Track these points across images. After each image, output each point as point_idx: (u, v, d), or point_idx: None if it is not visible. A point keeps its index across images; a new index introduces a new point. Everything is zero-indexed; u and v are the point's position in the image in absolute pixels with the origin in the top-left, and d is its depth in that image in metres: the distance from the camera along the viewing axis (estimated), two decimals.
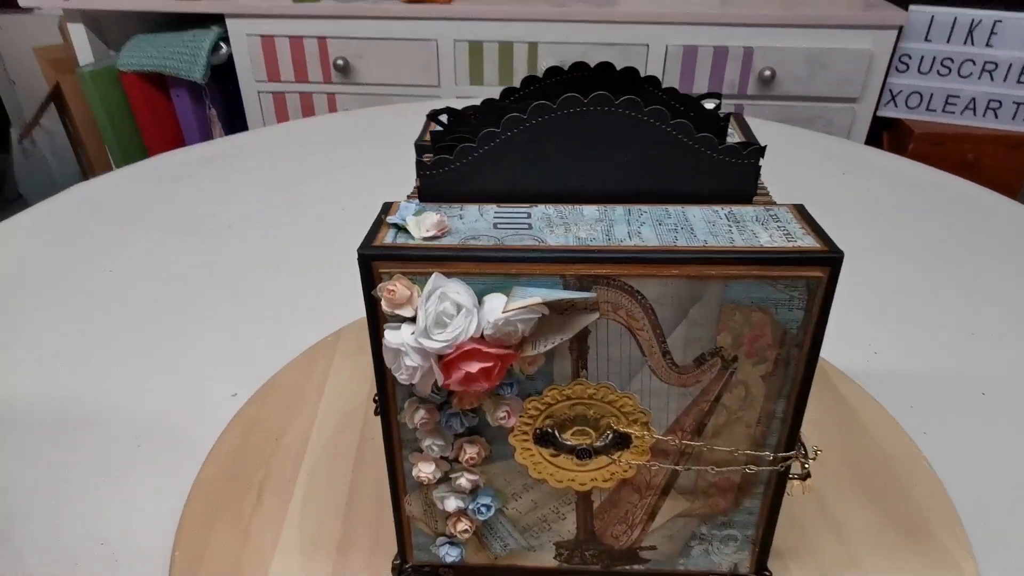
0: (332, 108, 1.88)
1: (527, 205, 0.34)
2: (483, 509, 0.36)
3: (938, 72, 1.77)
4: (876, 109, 1.80)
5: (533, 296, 0.28)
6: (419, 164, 0.34)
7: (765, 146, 0.34)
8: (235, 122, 1.97)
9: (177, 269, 0.75)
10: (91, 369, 0.60)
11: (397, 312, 0.29)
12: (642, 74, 0.38)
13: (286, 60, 1.82)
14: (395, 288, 0.29)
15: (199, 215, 0.87)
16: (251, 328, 0.66)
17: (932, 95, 1.80)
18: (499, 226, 0.32)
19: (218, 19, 1.80)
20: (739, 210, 0.33)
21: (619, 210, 0.33)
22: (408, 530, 0.39)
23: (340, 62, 1.78)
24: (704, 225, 0.31)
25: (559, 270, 0.30)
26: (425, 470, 0.35)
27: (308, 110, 1.89)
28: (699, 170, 0.33)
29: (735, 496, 0.37)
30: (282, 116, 1.91)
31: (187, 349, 0.63)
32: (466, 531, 0.37)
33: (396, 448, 0.35)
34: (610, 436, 0.34)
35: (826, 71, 1.72)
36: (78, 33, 1.85)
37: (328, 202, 0.90)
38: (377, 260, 0.30)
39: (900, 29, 1.70)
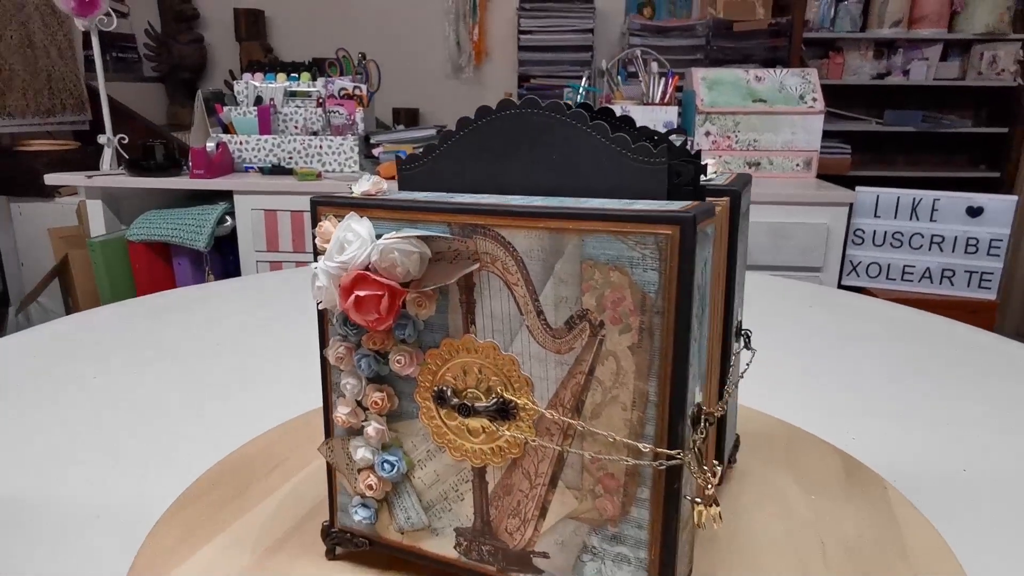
0: None
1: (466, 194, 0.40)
2: (386, 466, 0.39)
3: (891, 245, 1.90)
4: (840, 279, 1.89)
5: (411, 231, 0.34)
6: (397, 160, 0.42)
7: (698, 155, 0.38)
8: None
9: (157, 380, 0.77)
10: (65, 462, 0.60)
11: (325, 247, 0.36)
12: None
13: (286, 232, 1.96)
14: (323, 225, 0.37)
15: (183, 339, 0.90)
16: (222, 425, 0.67)
17: (889, 265, 1.91)
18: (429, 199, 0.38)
19: (226, 195, 1.97)
20: (643, 201, 0.36)
21: (538, 199, 0.37)
22: (335, 492, 0.43)
23: None
24: (595, 203, 0.35)
25: (446, 219, 0.36)
26: (342, 411, 0.40)
27: None
28: (615, 169, 0.37)
29: (621, 500, 0.36)
30: None
31: (159, 443, 0.64)
32: (372, 487, 0.40)
33: (329, 391, 0.41)
34: (495, 401, 0.36)
35: (790, 242, 1.85)
36: (95, 208, 2.01)
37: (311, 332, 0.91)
38: (319, 205, 0.38)
39: (851, 206, 1.85)
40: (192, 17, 3.42)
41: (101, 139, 2.16)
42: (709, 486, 0.35)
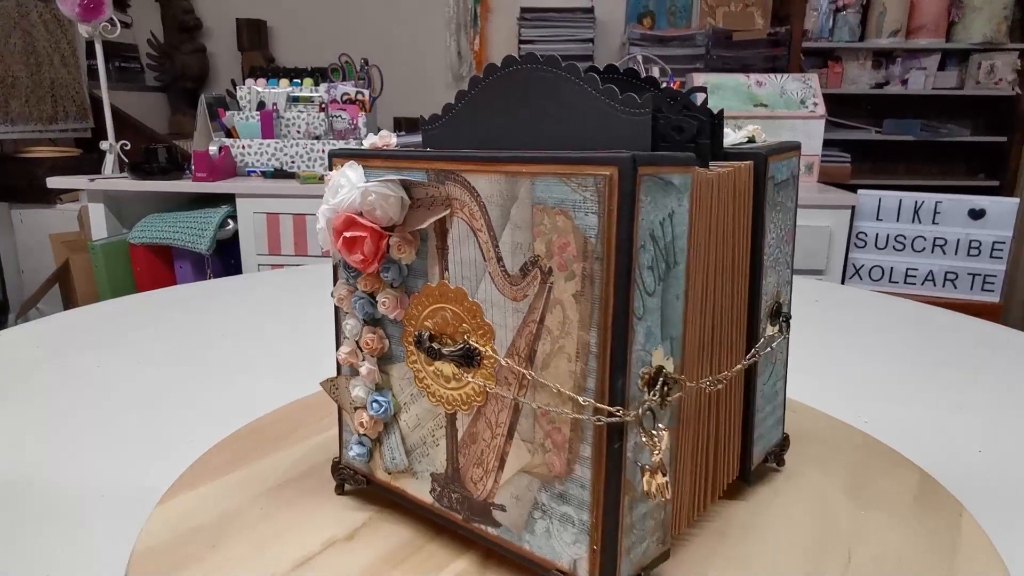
0: None
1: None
2: (375, 405, 0.42)
3: (894, 248, 1.90)
4: (843, 282, 1.89)
5: (390, 176, 0.37)
6: (420, 121, 0.43)
7: (719, 115, 0.38)
8: None
9: (161, 367, 0.77)
10: (71, 443, 0.60)
11: None
12: None
13: (288, 235, 1.97)
14: (331, 174, 0.40)
15: (185, 330, 0.90)
16: (225, 409, 0.66)
17: (892, 268, 1.90)
18: None
19: (228, 199, 1.98)
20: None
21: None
22: (342, 430, 0.46)
23: None
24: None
25: (424, 166, 0.37)
26: (343, 350, 0.43)
27: None
28: (604, 121, 0.36)
29: (567, 457, 0.35)
30: None
31: (164, 424, 0.63)
32: (364, 425, 0.42)
33: (339, 333, 0.44)
34: (460, 347, 0.37)
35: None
36: (96, 211, 2.02)
37: (318, 326, 0.92)
38: (335, 156, 0.41)
39: (853, 209, 1.85)
40: (195, 27, 3.46)
41: (103, 145, 2.18)
42: (656, 451, 0.34)
